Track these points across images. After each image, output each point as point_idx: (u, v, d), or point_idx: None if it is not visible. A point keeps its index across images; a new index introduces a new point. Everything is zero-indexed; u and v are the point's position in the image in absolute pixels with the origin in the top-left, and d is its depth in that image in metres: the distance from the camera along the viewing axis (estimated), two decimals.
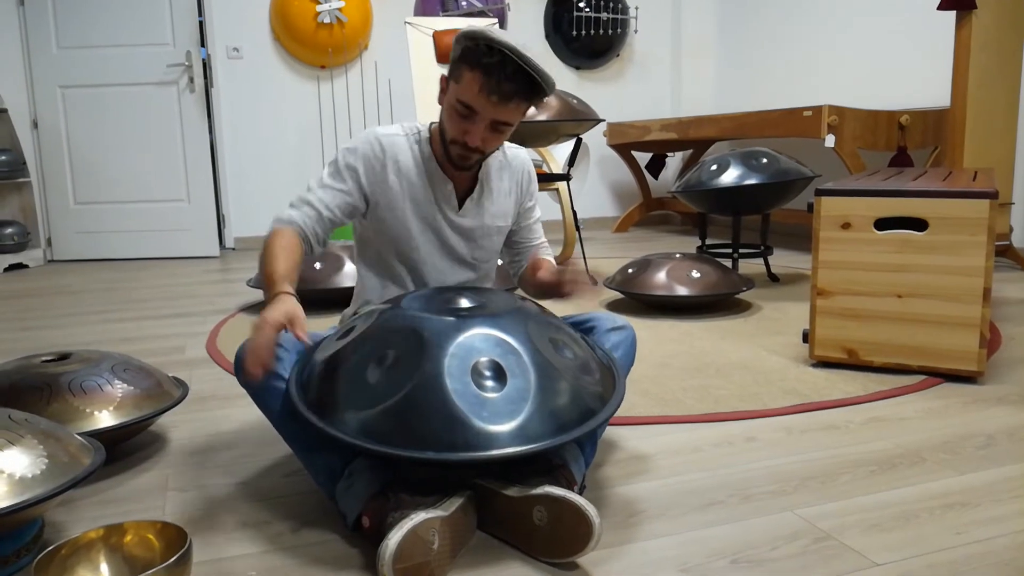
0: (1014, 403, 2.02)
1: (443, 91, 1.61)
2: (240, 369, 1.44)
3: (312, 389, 1.38)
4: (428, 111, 4.07)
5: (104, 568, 1.20)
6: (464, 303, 1.46)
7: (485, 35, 1.47)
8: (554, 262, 1.85)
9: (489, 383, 1.31)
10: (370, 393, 1.31)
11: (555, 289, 1.69)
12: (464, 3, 5.55)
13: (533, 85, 1.51)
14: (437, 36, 4.24)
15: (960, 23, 3.56)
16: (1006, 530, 1.37)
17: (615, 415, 1.95)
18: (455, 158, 1.61)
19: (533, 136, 3.74)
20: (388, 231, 1.70)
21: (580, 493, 1.47)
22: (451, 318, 1.39)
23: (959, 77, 3.60)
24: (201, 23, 5.21)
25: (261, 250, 1.56)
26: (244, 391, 1.81)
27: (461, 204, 1.71)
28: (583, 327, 1.69)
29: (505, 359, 1.33)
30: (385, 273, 1.75)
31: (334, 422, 1.31)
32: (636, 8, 6.17)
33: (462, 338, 1.35)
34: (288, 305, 1.37)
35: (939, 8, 3.54)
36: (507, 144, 1.80)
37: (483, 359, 1.33)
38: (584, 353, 1.47)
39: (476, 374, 1.31)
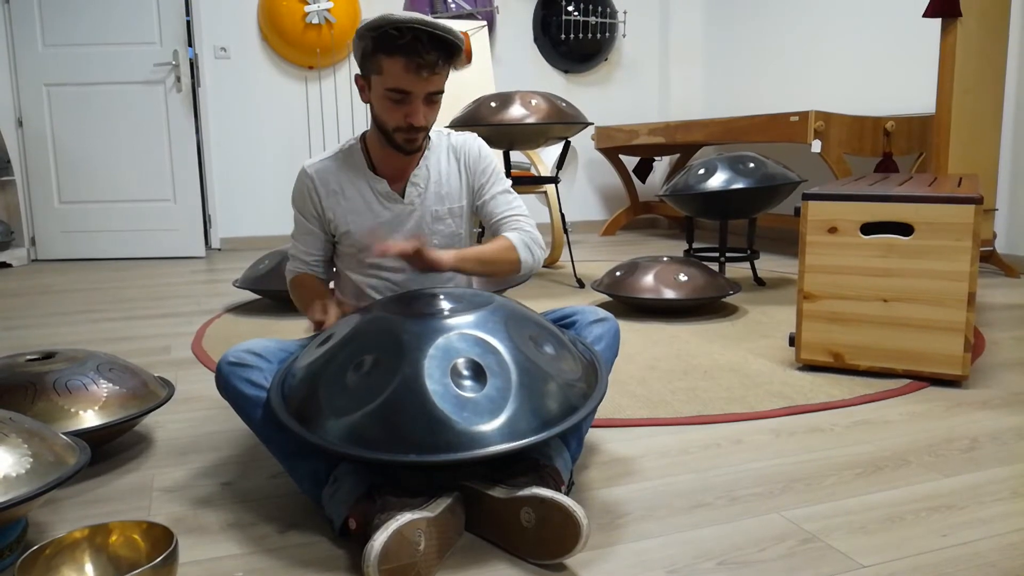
0: (998, 407, 2.04)
1: (364, 89, 1.67)
2: (221, 383, 1.47)
3: (293, 397, 1.38)
4: None
5: (89, 568, 1.19)
6: (442, 304, 1.45)
7: (387, 20, 1.53)
8: (512, 237, 1.76)
9: (469, 383, 1.31)
10: (351, 398, 1.30)
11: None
12: (452, 5, 5.55)
13: (449, 45, 1.57)
14: None
15: (945, 30, 3.59)
16: (990, 532, 1.38)
17: (602, 416, 1.96)
18: (404, 144, 1.66)
19: (522, 139, 3.74)
20: (344, 250, 1.79)
21: (568, 491, 1.47)
22: (429, 320, 1.39)
23: (944, 84, 3.63)
24: (188, 22, 5.19)
25: (293, 296, 1.85)
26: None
27: (403, 195, 1.75)
28: (565, 321, 1.70)
29: (484, 358, 1.33)
30: (359, 283, 1.79)
31: (316, 429, 1.30)
32: (624, 12, 6.19)
33: (441, 339, 1.34)
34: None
35: (925, 15, 3.57)
36: (452, 132, 1.85)
37: (462, 359, 1.33)
38: (565, 348, 1.47)
39: (456, 374, 1.31)
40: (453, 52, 1.58)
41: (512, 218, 1.80)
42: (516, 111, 3.58)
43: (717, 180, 3.49)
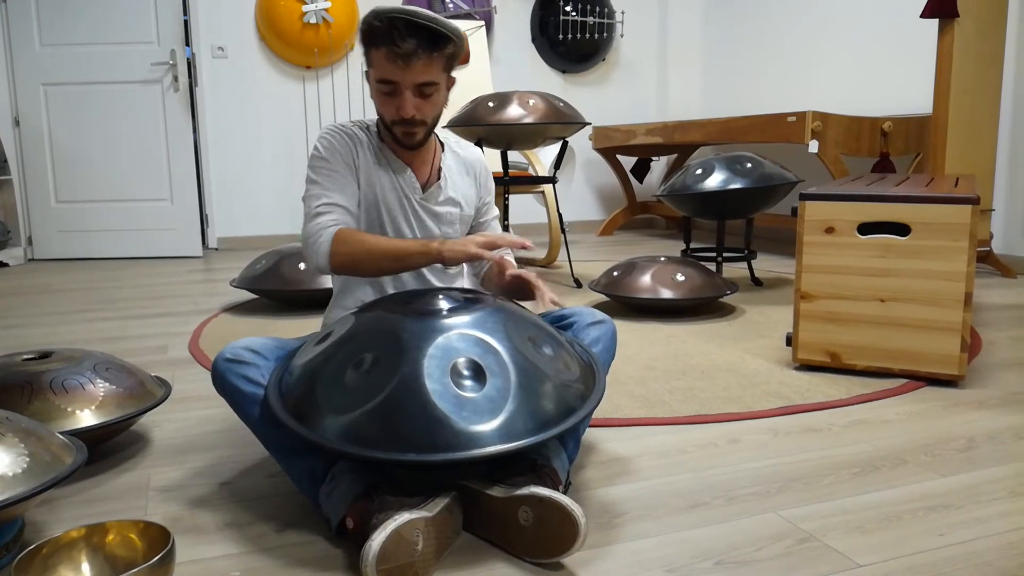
0: (994, 407, 2.04)
1: (371, 86, 1.66)
2: (218, 379, 1.47)
3: (292, 395, 1.38)
4: None
5: (86, 568, 1.19)
6: (442, 304, 1.45)
7: (372, 11, 1.55)
8: (513, 262, 1.84)
9: (469, 383, 1.30)
10: (350, 397, 1.30)
11: (518, 293, 1.69)
12: (451, 6, 5.55)
13: (432, 34, 1.56)
14: None
15: (942, 31, 3.60)
16: (987, 532, 1.38)
17: (600, 416, 1.96)
18: (402, 138, 1.66)
19: (519, 139, 3.74)
20: (364, 217, 1.73)
21: (565, 492, 1.47)
22: (429, 319, 1.39)
23: (941, 84, 3.63)
24: (186, 22, 5.18)
25: (355, 251, 1.60)
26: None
27: (425, 190, 1.75)
28: (563, 323, 1.70)
29: (484, 358, 1.33)
30: (365, 283, 1.76)
31: (315, 427, 1.30)
32: (622, 12, 6.20)
33: (440, 339, 1.34)
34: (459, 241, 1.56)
35: (922, 16, 3.58)
36: (461, 141, 1.87)
37: (462, 359, 1.33)
38: (564, 350, 1.47)
39: (455, 374, 1.31)
40: (435, 40, 1.56)
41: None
42: (514, 111, 3.58)
43: (715, 180, 3.49)
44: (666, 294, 3.06)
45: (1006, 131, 4.07)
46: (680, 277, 3.10)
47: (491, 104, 3.64)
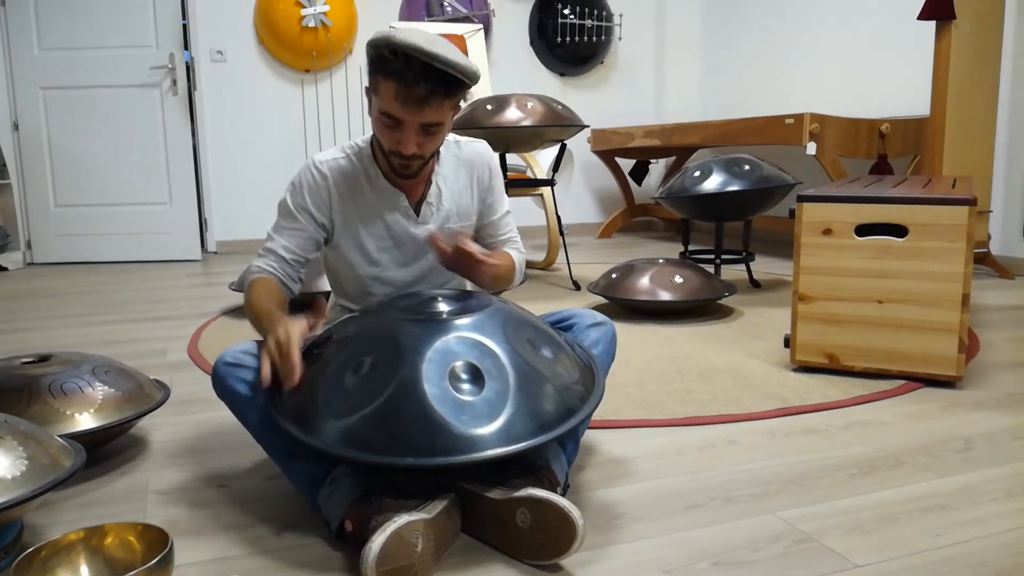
0: (992, 408, 2.04)
1: (370, 103, 1.58)
2: (218, 383, 1.46)
3: (290, 398, 1.38)
4: None
5: (84, 570, 1.19)
6: (440, 307, 1.45)
7: (387, 40, 1.43)
8: (517, 260, 1.79)
9: (467, 386, 1.30)
10: (348, 401, 1.30)
11: (463, 267, 1.61)
12: (449, 8, 5.56)
13: (448, 80, 1.46)
14: None
15: (940, 32, 3.60)
16: (984, 532, 1.38)
17: (598, 417, 1.96)
18: (398, 168, 1.59)
19: (517, 141, 3.75)
20: (348, 255, 1.70)
21: (564, 493, 1.47)
22: (428, 322, 1.39)
23: (939, 86, 3.64)
24: (185, 26, 5.19)
25: (247, 303, 1.59)
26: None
27: (418, 212, 1.70)
28: (562, 325, 1.69)
29: (483, 361, 1.33)
30: (357, 296, 1.75)
31: (313, 431, 1.30)
32: (620, 15, 6.21)
33: (439, 342, 1.34)
34: (284, 326, 1.40)
35: (919, 18, 3.58)
36: (465, 139, 1.78)
37: (460, 362, 1.33)
38: (563, 352, 1.47)
39: (454, 378, 1.31)
40: (452, 86, 1.47)
41: (513, 239, 1.85)
42: (512, 114, 3.59)
43: (713, 182, 3.50)
44: (664, 296, 3.06)
45: (1003, 132, 4.08)
46: (678, 279, 3.11)
47: (489, 107, 3.65)
